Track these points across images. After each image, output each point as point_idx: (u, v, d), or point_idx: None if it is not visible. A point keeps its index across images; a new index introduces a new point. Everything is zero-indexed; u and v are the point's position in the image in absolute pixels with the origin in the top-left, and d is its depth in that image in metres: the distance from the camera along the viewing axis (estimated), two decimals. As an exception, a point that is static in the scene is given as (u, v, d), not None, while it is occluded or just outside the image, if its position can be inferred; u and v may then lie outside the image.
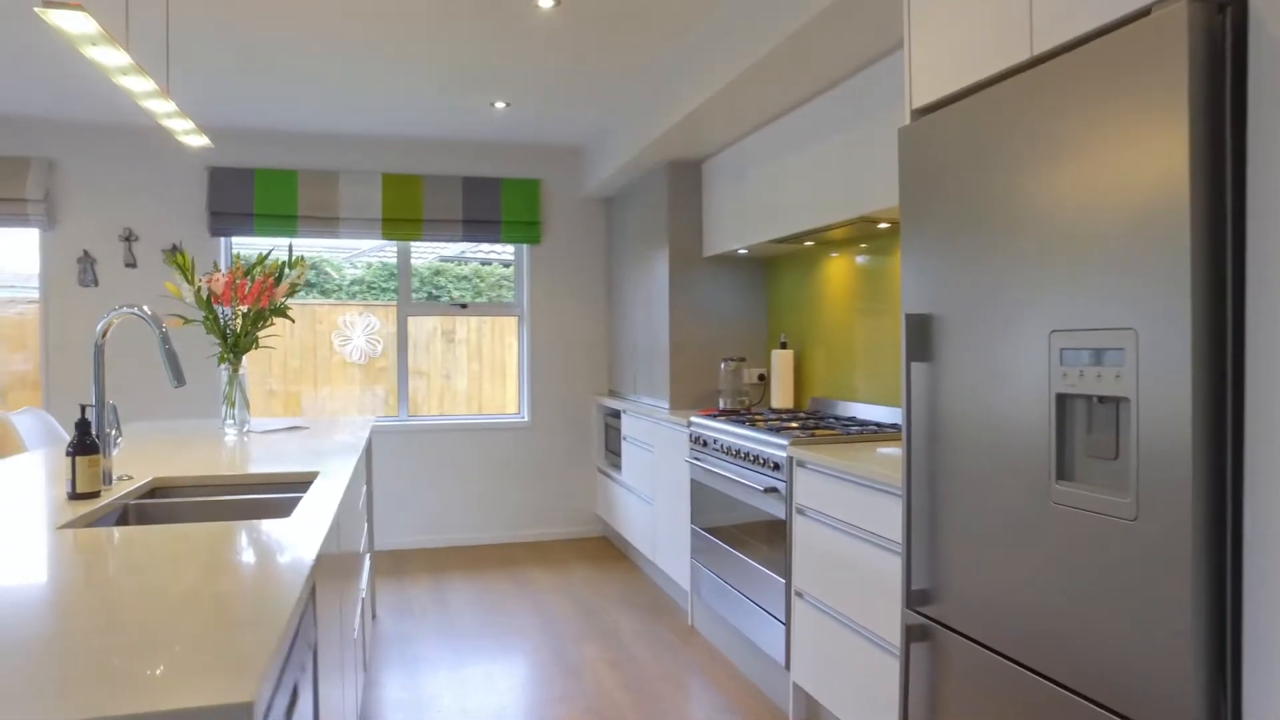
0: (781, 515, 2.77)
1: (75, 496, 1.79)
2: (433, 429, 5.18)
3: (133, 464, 2.24)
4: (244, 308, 3.04)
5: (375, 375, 5.29)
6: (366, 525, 3.32)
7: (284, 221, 4.86)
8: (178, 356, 1.76)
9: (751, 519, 3.02)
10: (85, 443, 1.79)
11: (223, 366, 3.06)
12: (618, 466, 4.95)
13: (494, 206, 5.16)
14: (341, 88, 4.03)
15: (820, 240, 3.61)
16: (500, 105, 4.32)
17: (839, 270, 3.65)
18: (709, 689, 3.05)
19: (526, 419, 5.33)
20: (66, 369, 4.71)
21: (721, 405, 4.09)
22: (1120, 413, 1.27)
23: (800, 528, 2.66)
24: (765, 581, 2.90)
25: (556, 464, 5.36)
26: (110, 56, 2.20)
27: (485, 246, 5.58)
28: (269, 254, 3.19)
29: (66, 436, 3.44)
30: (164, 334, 1.84)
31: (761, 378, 4.30)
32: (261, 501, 1.94)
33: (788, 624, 2.76)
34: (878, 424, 3.12)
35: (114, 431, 1.98)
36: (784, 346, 4.04)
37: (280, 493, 2.11)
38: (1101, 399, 1.30)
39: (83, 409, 1.82)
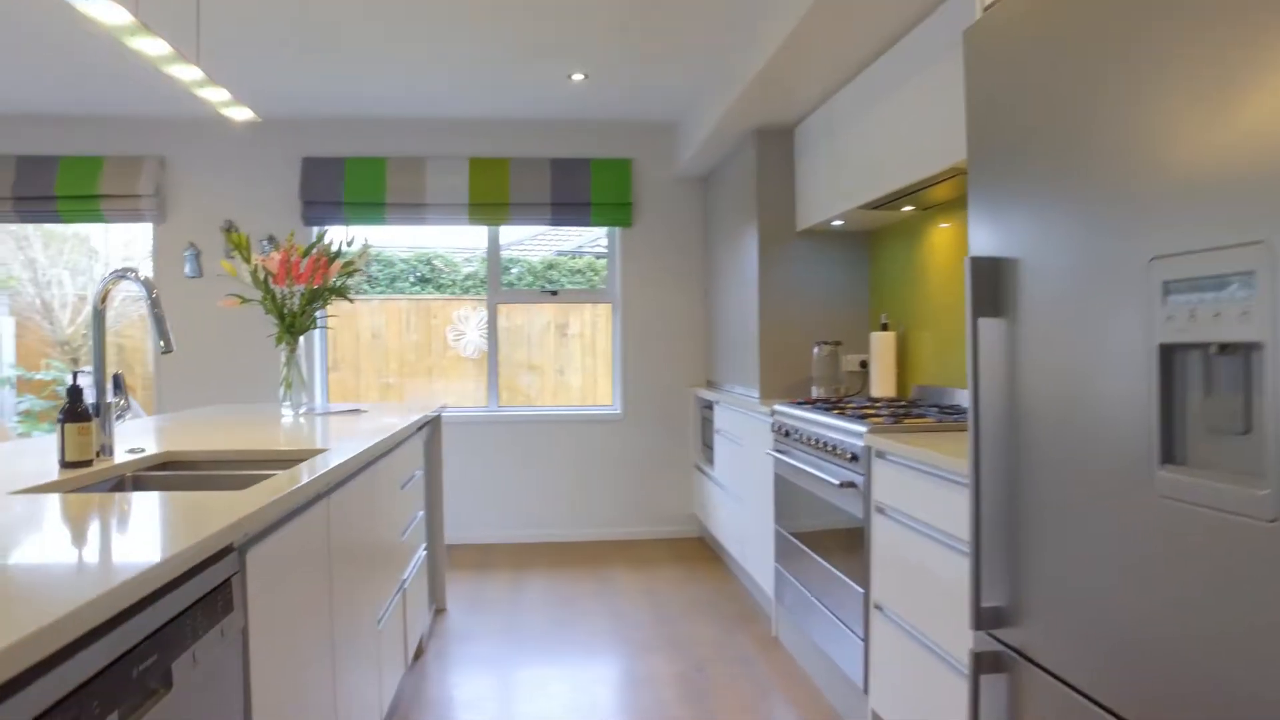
0: (859, 515, 2.41)
1: (66, 465, 1.70)
2: (522, 420, 5.05)
3: (159, 438, 2.17)
4: (299, 287, 2.97)
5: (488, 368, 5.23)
6: (423, 514, 3.19)
7: (373, 209, 4.85)
8: (165, 320, 1.63)
9: (831, 519, 2.67)
10: (77, 410, 1.70)
11: (281, 347, 3.00)
12: (712, 462, 4.65)
13: (583, 188, 4.97)
14: (425, 63, 3.94)
15: (923, 205, 3.19)
16: (578, 78, 4.12)
17: (947, 241, 3.22)
18: (782, 712, 2.72)
19: (619, 411, 5.12)
20: (175, 361, 4.88)
21: (815, 394, 3.72)
22: (1251, 366, 0.89)
23: (880, 530, 2.30)
24: (844, 591, 2.55)
25: (651, 458, 5.11)
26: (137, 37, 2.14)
27: (602, 241, 5.42)
28: (324, 234, 3.12)
29: (144, 415, 3.51)
30: (154, 298, 1.71)
31: (864, 364, 3.90)
32: (261, 477, 1.79)
33: (866, 641, 2.40)
34: (982, 412, 2.69)
35: (121, 401, 1.88)
36: (885, 328, 3.63)
37: (284, 467, 1.96)
38: (1223, 347, 0.92)
39: (74, 375, 1.72)
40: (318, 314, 3.09)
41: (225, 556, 1.19)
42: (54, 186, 4.73)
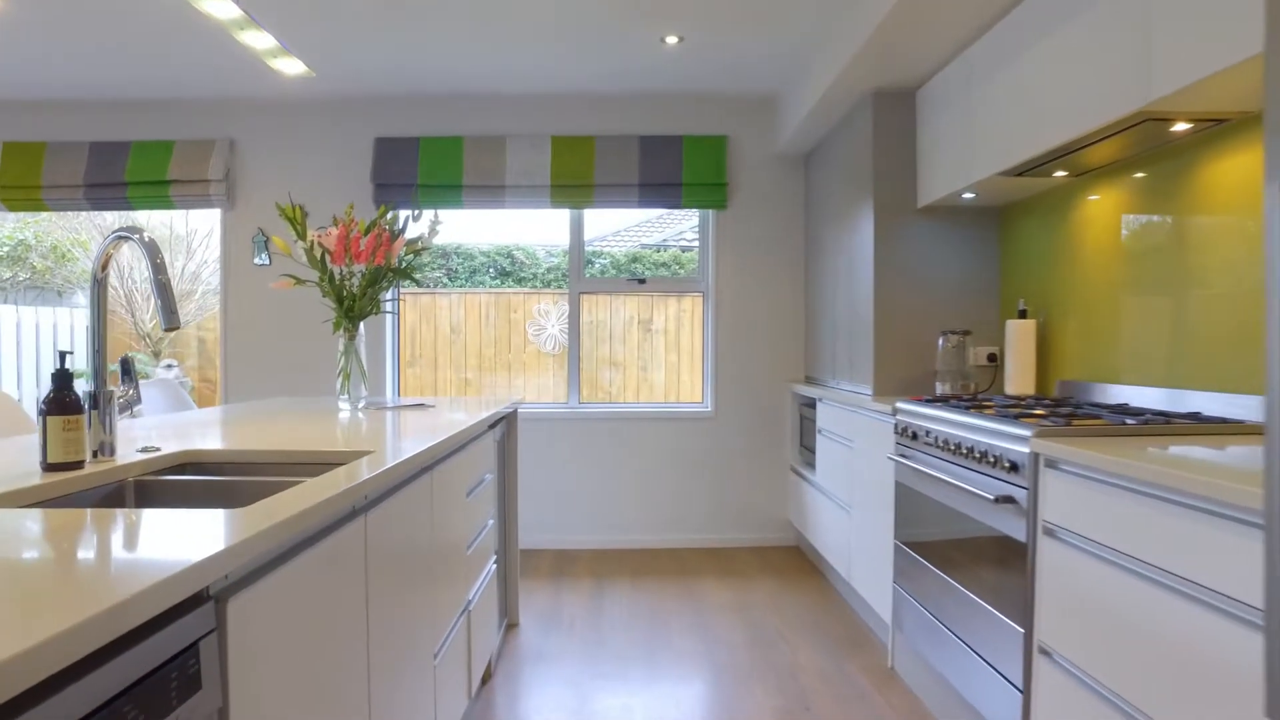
0: (1019, 535, 1.94)
1: (49, 468, 1.40)
2: (605, 417, 4.70)
3: (185, 435, 1.88)
4: (359, 266, 2.67)
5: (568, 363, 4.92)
6: (494, 521, 2.85)
7: (448, 191, 4.58)
8: (170, 290, 1.31)
9: (975, 537, 2.20)
10: (64, 400, 1.40)
11: (339, 335, 2.71)
12: (812, 465, 4.20)
13: (674, 167, 4.58)
14: (505, 30, 3.62)
15: (1077, 170, 2.68)
16: (672, 40, 3.73)
17: (1103, 212, 2.70)
18: (913, 765, 2.27)
19: (710, 408, 4.71)
20: (244, 347, 4.71)
21: (939, 390, 3.24)
22: None
23: (1050, 556, 1.83)
24: (992, 626, 2.08)
25: (744, 460, 4.69)
26: None
27: (688, 235, 5.07)
28: (391, 208, 2.81)
29: (194, 408, 3.28)
30: (158, 264, 1.40)
31: (992, 358, 3.39)
32: (289, 484, 1.46)
33: (1026, 692, 1.93)
34: (1164, 414, 2.18)
35: (128, 389, 1.59)
36: (1023, 316, 3.12)
37: (322, 472, 1.64)
38: None
39: (61, 357, 1.42)
40: (382, 298, 2.79)
41: (195, 609, 0.84)
42: (124, 172, 4.62)
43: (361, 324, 2.71)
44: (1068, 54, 2.29)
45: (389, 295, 4.73)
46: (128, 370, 1.59)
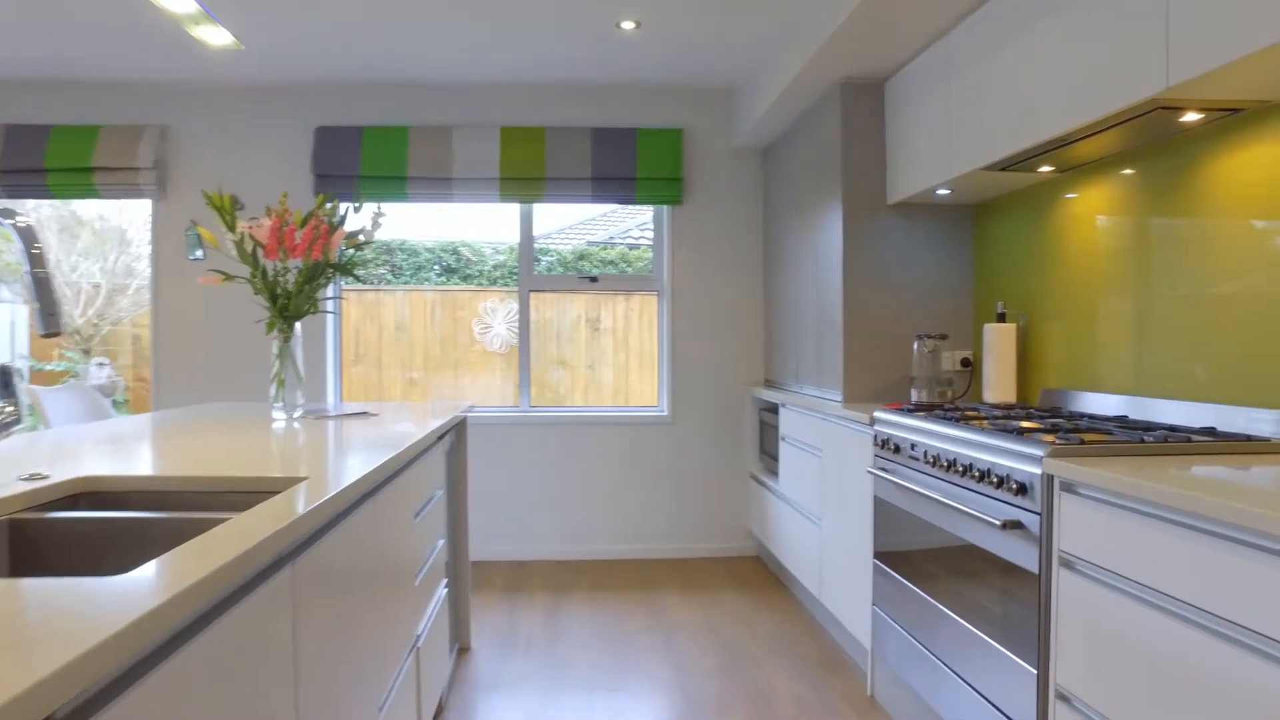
0: (1030, 566, 1.79)
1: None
2: (557, 422, 4.47)
3: (85, 456, 1.60)
4: (295, 261, 2.40)
5: (518, 364, 4.68)
6: (444, 541, 2.61)
7: (393, 183, 4.29)
8: (49, 286, 1.05)
9: (972, 562, 2.05)
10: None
11: (274, 336, 2.43)
12: (774, 473, 4.04)
13: (628, 161, 4.38)
14: (451, 13, 3.36)
15: (1065, 166, 2.55)
16: (628, 26, 3.52)
17: (1089, 210, 2.58)
18: (904, 805, 2.10)
19: (666, 412, 4.52)
20: (177, 347, 4.36)
21: (914, 397, 3.10)
22: None
23: (1070, 591, 1.67)
24: (997, 664, 1.92)
25: (703, 467, 4.51)
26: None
27: (634, 232, 4.88)
28: (331, 199, 2.55)
29: (114, 416, 2.96)
30: (34, 254, 1.14)
31: (966, 362, 3.26)
32: (203, 523, 1.21)
33: (1037, 733, 1.78)
34: (1174, 428, 2.06)
35: (6, 407, 1.31)
36: (1001, 319, 2.99)
37: (246, 505, 1.38)
38: None
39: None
40: (320, 296, 2.52)
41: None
42: (44, 158, 4.22)
43: (299, 324, 2.44)
44: (1069, 38, 2.15)
45: (329, 293, 4.43)
46: (7, 382, 1.32)
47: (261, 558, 0.95)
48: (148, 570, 0.83)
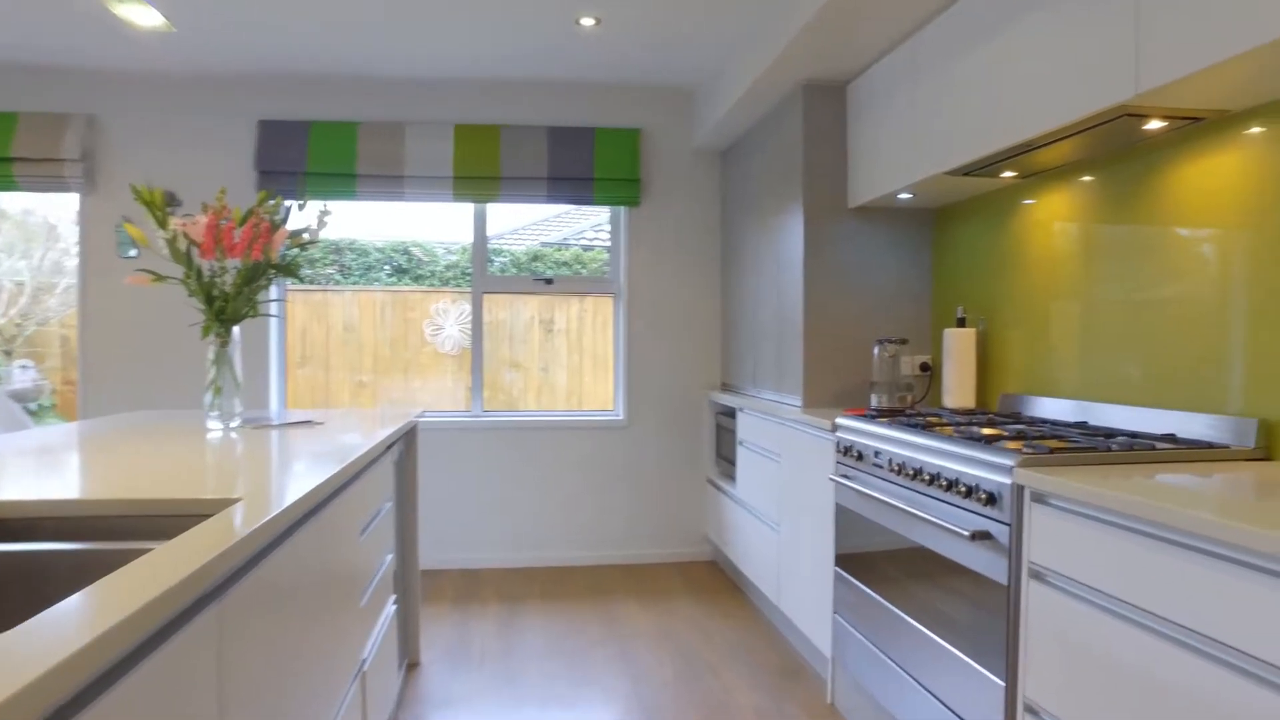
0: (999, 577, 1.75)
1: None
2: (511, 426, 4.36)
3: (-1, 475, 1.47)
4: (233, 261, 2.27)
5: (469, 366, 4.56)
6: (393, 555, 2.50)
7: (341, 181, 4.14)
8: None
9: (938, 572, 2.01)
10: None
11: (210, 341, 2.29)
12: (731, 477, 3.99)
13: (586, 161, 4.29)
14: (405, 5, 3.24)
15: (1028, 171, 2.54)
16: (588, 22, 3.43)
17: (1050, 214, 2.57)
18: (869, 822, 2.06)
19: (623, 417, 4.44)
20: (106, 351, 4.15)
21: (875, 402, 3.07)
22: None
23: (1040, 604, 1.64)
24: (963, 675, 1.89)
25: (659, 471, 4.45)
26: None
27: (589, 233, 4.80)
28: (274, 195, 2.42)
29: (30, 425, 2.78)
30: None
31: (925, 367, 3.25)
32: (122, 556, 1.10)
33: (1005, 749, 1.74)
34: (1138, 436, 2.05)
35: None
36: (961, 324, 2.98)
37: (173, 531, 1.27)
38: None
39: None
40: (261, 298, 2.39)
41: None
42: (-43, 148, 3.98)
43: (237, 328, 2.31)
44: (1039, 43, 2.13)
45: (274, 294, 4.26)
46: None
47: (182, 598, 0.86)
48: (33, 628, 0.72)
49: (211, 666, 0.98)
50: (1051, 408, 2.50)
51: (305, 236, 2.42)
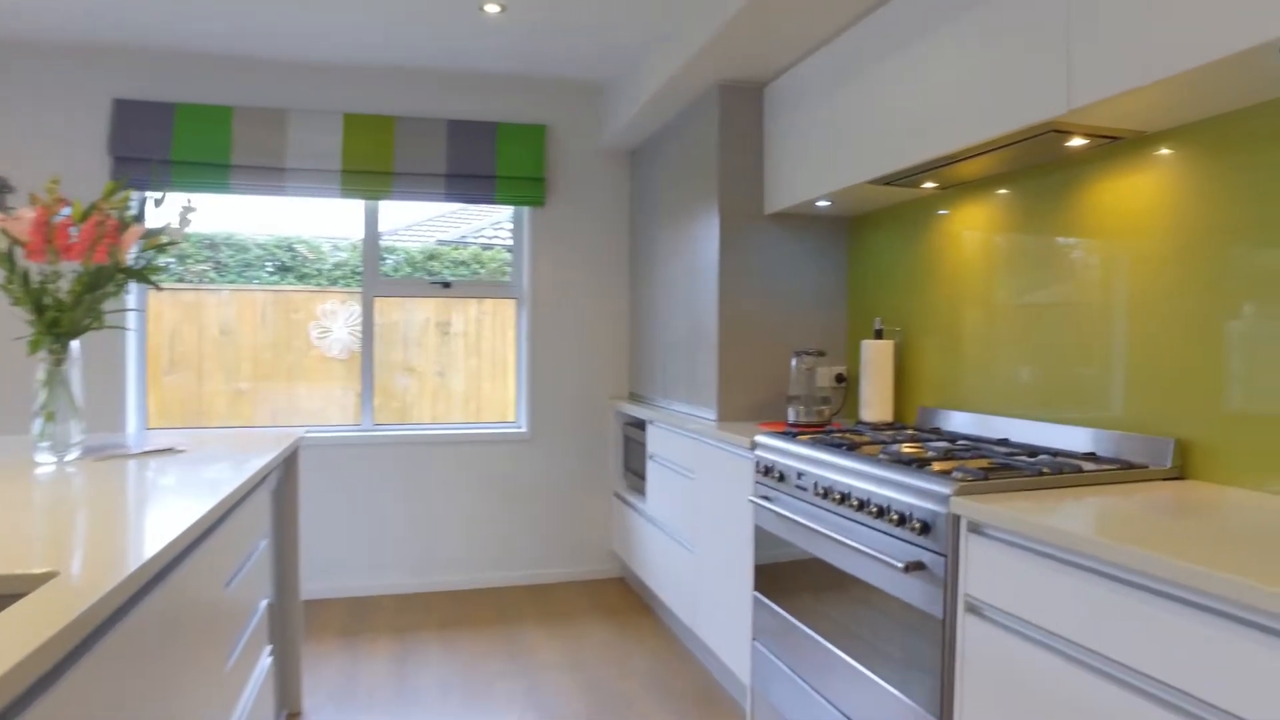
0: (934, 610, 1.64)
1: None
2: (405, 441, 4.08)
3: None
4: (73, 264, 1.94)
5: (359, 372, 4.23)
6: (268, 600, 2.21)
7: (213, 171, 3.76)
8: None
9: (869, 601, 1.89)
10: None
11: (40, 358, 1.96)
12: (640, 491, 3.83)
13: (488, 157, 4.05)
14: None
15: (948, 183, 2.47)
16: (493, 9, 3.20)
17: (965, 225, 2.52)
18: None
19: (525, 429, 4.22)
20: (-70, 360, 3.63)
21: (792, 416, 2.96)
22: None
23: (977, 639, 1.53)
24: (894, 711, 1.78)
25: (565, 486, 4.24)
26: None
27: (489, 231, 4.54)
28: (123, 187, 2.10)
29: None
30: None
31: (840, 378, 3.17)
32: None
33: (943, 797, 1.63)
34: (1059, 455, 1.99)
35: None
36: (879, 336, 2.91)
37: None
38: None
39: None
40: (106, 307, 2.06)
41: None
42: None
43: (76, 343, 1.99)
44: (967, 55, 2.04)
45: (130, 301, 3.82)
46: None
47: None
48: None
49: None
50: (969, 422, 2.43)
51: (164, 238, 2.11)
